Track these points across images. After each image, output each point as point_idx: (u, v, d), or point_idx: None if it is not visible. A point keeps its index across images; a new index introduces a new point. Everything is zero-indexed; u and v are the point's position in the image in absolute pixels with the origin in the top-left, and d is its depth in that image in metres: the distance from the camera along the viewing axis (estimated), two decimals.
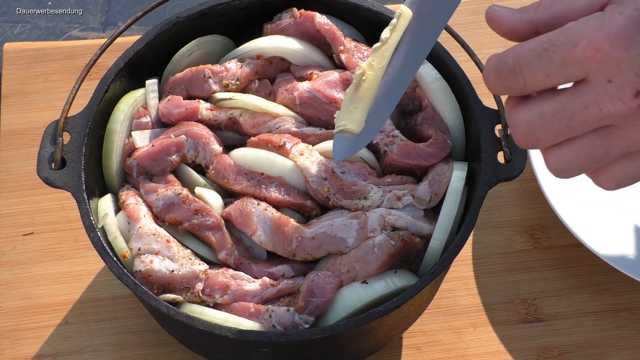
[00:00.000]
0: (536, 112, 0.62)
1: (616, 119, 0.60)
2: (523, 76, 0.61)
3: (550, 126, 0.62)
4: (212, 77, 0.89)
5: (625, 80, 0.58)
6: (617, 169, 0.63)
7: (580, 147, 0.62)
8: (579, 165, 0.63)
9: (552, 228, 1.04)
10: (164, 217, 0.84)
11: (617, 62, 0.58)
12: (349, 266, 0.81)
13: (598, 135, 0.61)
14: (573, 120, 0.61)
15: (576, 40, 0.59)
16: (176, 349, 0.96)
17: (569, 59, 0.59)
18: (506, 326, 0.99)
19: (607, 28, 0.58)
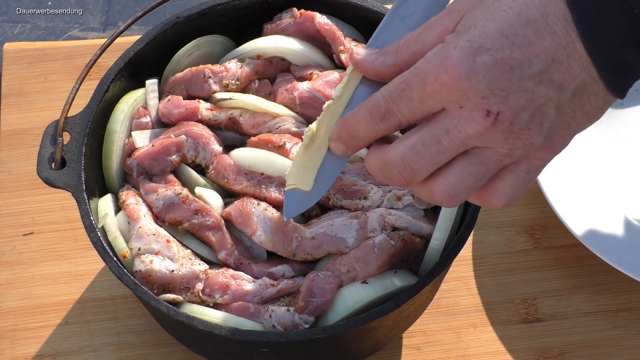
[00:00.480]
0: (407, 145, 0.67)
1: (477, 139, 0.65)
2: (396, 115, 0.67)
3: (422, 155, 0.67)
4: (212, 77, 0.89)
5: (473, 104, 0.64)
6: (502, 184, 0.68)
7: (460, 169, 0.67)
8: (466, 186, 0.68)
9: (552, 228, 1.04)
10: (164, 217, 0.84)
11: (462, 91, 0.64)
12: (349, 266, 0.81)
13: (472, 154, 0.67)
14: (441, 145, 0.66)
15: (424, 78, 0.65)
16: (176, 349, 0.96)
17: (423, 96, 0.66)
18: (506, 326, 0.99)
19: (446, 64, 0.64)
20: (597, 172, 1.04)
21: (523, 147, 0.66)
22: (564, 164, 1.04)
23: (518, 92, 0.64)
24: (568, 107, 0.66)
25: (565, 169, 1.03)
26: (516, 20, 0.64)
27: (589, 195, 1.02)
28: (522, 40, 0.63)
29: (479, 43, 0.64)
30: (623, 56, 0.64)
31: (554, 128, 0.66)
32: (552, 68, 0.64)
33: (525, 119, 0.65)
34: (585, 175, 1.04)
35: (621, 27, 0.62)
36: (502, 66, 0.63)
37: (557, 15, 0.63)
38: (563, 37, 0.63)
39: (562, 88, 0.65)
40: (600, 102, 0.66)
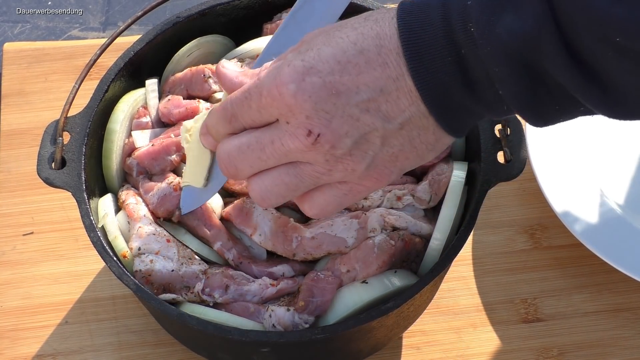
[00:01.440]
0: (235, 144, 0.70)
1: (298, 155, 0.67)
2: (239, 119, 0.70)
3: (246, 156, 0.69)
4: (212, 77, 0.89)
5: (298, 122, 0.66)
6: (318, 196, 0.70)
7: (277, 175, 0.69)
8: (278, 192, 0.70)
9: (552, 228, 1.04)
10: (158, 211, 0.84)
11: (289, 107, 0.66)
12: (349, 266, 0.81)
13: (291, 166, 0.69)
14: (264, 153, 0.68)
15: (260, 90, 0.67)
16: (176, 349, 0.96)
17: (260, 106, 0.68)
18: (506, 326, 0.99)
19: (277, 80, 0.66)
20: (598, 172, 1.04)
21: (344, 172, 0.68)
22: (564, 164, 1.04)
23: (343, 117, 0.65)
24: (395, 139, 0.67)
25: (565, 169, 1.03)
26: (350, 47, 0.65)
27: (589, 195, 1.02)
28: (353, 68, 0.65)
29: (311, 64, 0.65)
30: (452, 94, 0.65)
31: (380, 158, 0.68)
32: (380, 98, 0.65)
33: (348, 144, 0.66)
34: (586, 175, 1.04)
35: (448, 65, 0.64)
36: (329, 89, 0.65)
37: (390, 49, 0.65)
38: (394, 69, 0.65)
39: (389, 119, 0.66)
40: (430, 138, 0.67)
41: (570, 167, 1.04)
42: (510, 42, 0.61)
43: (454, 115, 0.66)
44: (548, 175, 1.02)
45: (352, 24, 0.67)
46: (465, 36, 0.63)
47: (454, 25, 0.63)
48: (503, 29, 0.61)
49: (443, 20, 0.64)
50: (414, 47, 0.64)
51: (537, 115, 0.65)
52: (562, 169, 1.03)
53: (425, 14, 0.64)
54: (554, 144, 1.05)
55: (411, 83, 0.65)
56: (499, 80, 0.63)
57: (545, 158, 1.03)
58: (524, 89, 0.63)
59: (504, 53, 0.61)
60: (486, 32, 0.62)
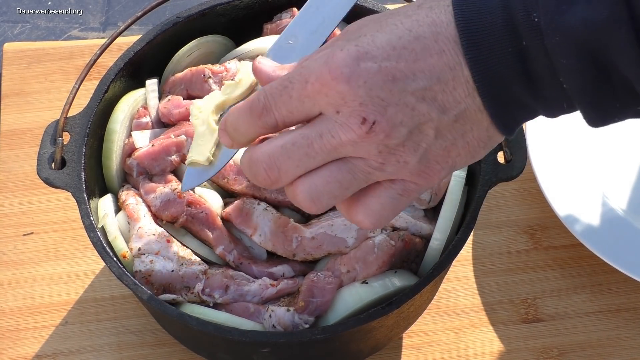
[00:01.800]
0: (277, 144, 0.65)
1: (350, 148, 0.63)
2: (273, 112, 0.65)
3: (291, 155, 0.65)
4: (212, 77, 0.89)
5: (350, 110, 0.62)
6: (373, 201, 0.66)
7: (328, 172, 0.65)
8: (329, 191, 0.65)
9: (552, 228, 1.04)
10: (162, 215, 0.84)
11: (341, 94, 0.62)
12: (349, 266, 0.81)
13: (342, 162, 0.65)
14: (311, 148, 0.64)
15: (307, 77, 0.64)
16: (176, 349, 0.96)
17: (303, 95, 0.64)
18: (506, 326, 0.99)
19: (329, 64, 0.63)
20: (598, 173, 1.04)
21: (396, 165, 0.64)
22: (564, 164, 1.04)
23: (398, 105, 0.62)
24: (449, 132, 0.64)
25: (565, 169, 1.03)
26: (406, 34, 0.63)
27: (589, 195, 1.02)
28: (410, 54, 0.62)
29: (366, 49, 0.63)
30: (509, 88, 0.62)
31: (432, 152, 0.65)
32: (436, 87, 0.63)
33: (403, 134, 0.63)
34: (586, 175, 1.04)
35: (508, 57, 0.61)
36: (385, 75, 0.62)
37: (447, 36, 0.62)
38: (451, 57, 0.62)
39: (445, 110, 0.63)
40: (483, 134, 0.65)
41: (571, 167, 1.04)
42: (582, 32, 0.58)
43: (510, 112, 0.64)
44: (548, 175, 1.02)
45: (404, 11, 0.64)
46: (529, 27, 0.60)
47: (515, 15, 0.60)
48: (575, 18, 0.58)
49: (503, 9, 0.61)
50: (472, 36, 0.61)
51: (598, 113, 0.62)
52: (562, 169, 1.03)
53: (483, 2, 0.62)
54: (554, 144, 1.05)
55: (468, 73, 0.62)
56: (565, 73, 0.60)
57: (545, 158, 1.03)
58: (590, 83, 0.60)
59: (574, 44, 0.59)
60: (555, 21, 0.59)
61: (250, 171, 0.67)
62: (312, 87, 0.63)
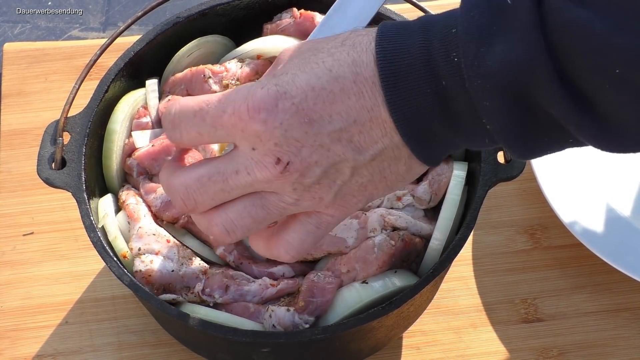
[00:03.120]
0: (193, 176, 0.66)
1: (265, 185, 0.64)
2: (180, 129, 0.66)
3: (207, 189, 0.65)
4: (212, 77, 0.89)
5: (266, 149, 0.63)
6: (292, 236, 0.68)
7: (242, 207, 0.66)
8: (244, 225, 0.66)
9: (552, 228, 1.04)
10: (162, 215, 0.84)
11: (257, 133, 0.63)
12: (349, 266, 0.81)
13: (256, 197, 0.66)
14: (227, 184, 0.65)
15: (225, 107, 0.64)
16: (176, 349, 0.96)
17: (217, 123, 0.64)
18: (506, 326, 0.99)
19: (249, 101, 0.63)
20: (598, 173, 1.04)
21: (311, 201, 0.65)
22: (564, 163, 1.04)
23: (313, 146, 0.63)
24: (365, 170, 0.65)
25: (565, 169, 1.03)
26: (325, 74, 0.63)
27: (589, 195, 1.02)
28: (327, 95, 0.62)
29: (285, 89, 0.63)
30: (429, 126, 0.62)
31: (348, 188, 0.65)
32: (352, 129, 0.63)
33: (317, 174, 0.64)
34: (586, 175, 1.04)
35: (427, 97, 0.61)
36: (302, 117, 0.62)
37: (366, 77, 0.62)
38: (369, 99, 0.62)
39: (361, 151, 0.63)
40: (401, 169, 0.65)
41: (571, 167, 1.04)
42: (503, 74, 0.58)
43: (431, 147, 0.64)
44: (548, 175, 1.02)
45: (328, 48, 0.64)
46: (448, 67, 0.60)
47: (434, 55, 0.60)
48: (494, 60, 0.58)
49: (423, 48, 0.61)
50: (391, 77, 0.61)
51: (525, 148, 0.62)
52: (562, 169, 1.03)
53: (404, 40, 0.62)
54: None
55: (386, 114, 0.62)
56: (488, 114, 0.60)
57: (545, 158, 1.03)
58: (514, 123, 0.60)
59: (495, 86, 0.58)
60: (475, 65, 0.59)
61: (168, 195, 0.69)
62: (229, 118, 0.63)
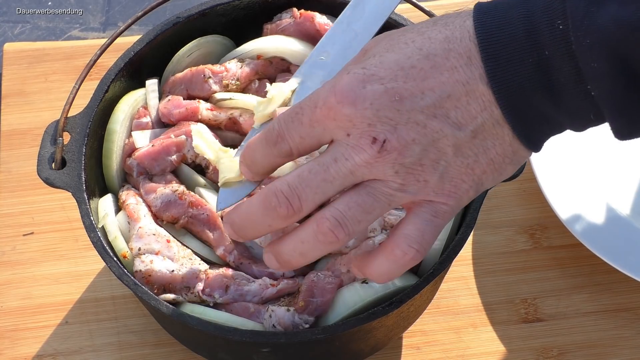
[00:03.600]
0: (294, 174, 0.65)
1: (366, 169, 0.63)
2: (287, 139, 0.66)
3: (309, 182, 0.64)
4: (212, 77, 0.89)
5: (360, 132, 0.62)
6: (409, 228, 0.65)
7: (348, 197, 0.64)
8: (353, 216, 0.64)
9: (552, 228, 1.04)
10: (162, 215, 0.84)
11: (348, 117, 0.62)
12: (349, 266, 0.81)
13: (361, 186, 0.64)
14: (328, 173, 0.64)
15: (315, 102, 0.64)
16: (176, 349, 0.96)
17: (313, 120, 0.64)
18: (506, 326, 0.99)
19: (335, 88, 0.63)
20: (598, 172, 1.04)
21: (416, 184, 0.63)
22: (564, 163, 1.04)
23: (408, 123, 0.62)
24: (469, 149, 0.63)
25: (565, 169, 1.03)
26: (415, 53, 0.62)
27: (589, 195, 1.02)
28: (418, 73, 0.62)
29: (372, 71, 0.62)
30: (530, 99, 0.61)
31: (453, 169, 0.64)
32: (447, 103, 0.62)
33: (417, 152, 0.62)
34: (586, 175, 1.04)
35: (528, 67, 0.60)
36: (391, 95, 0.62)
37: (460, 52, 0.61)
38: (463, 73, 0.61)
39: (460, 126, 0.62)
40: (507, 149, 0.63)
41: (571, 167, 1.04)
42: (613, 32, 0.56)
43: (532, 124, 0.62)
44: (548, 175, 1.02)
45: (418, 28, 0.64)
46: (551, 35, 0.59)
47: (537, 24, 0.59)
48: (605, 18, 0.56)
49: (525, 18, 0.60)
50: (491, 47, 0.60)
51: (628, 123, 0.60)
52: (562, 169, 1.03)
53: (504, 12, 0.60)
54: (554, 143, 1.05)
55: (484, 87, 0.61)
56: (594, 77, 0.58)
57: (545, 158, 1.03)
58: (620, 89, 0.58)
59: (605, 46, 0.56)
60: (585, 23, 0.57)
61: (268, 204, 0.66)
62: (321, 111, 0.64)
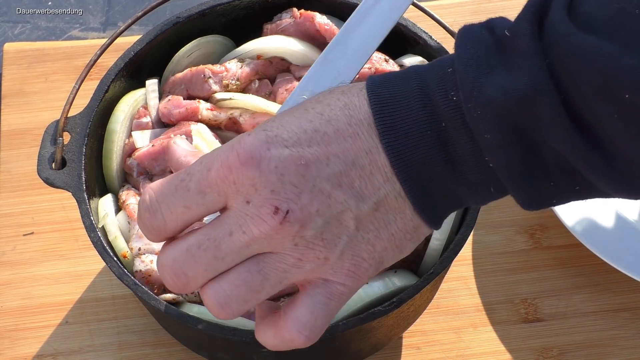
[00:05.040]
0: (182, 248, 0.59)
1: (264, 243, 0.58)
2: (162, 212, 0.59)
3: (198, 259, 0.59)
4: (212, 77, 0.89)
5: (262, 199, 0.57)
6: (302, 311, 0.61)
7: (236, 275, 0.59)
8: (238, 296, 0.59)
9: (552, 228, 1.04)
10: None
11: (251, 180, 0.57)
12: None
13: (252, 261, 0.59)
14: (220, 250, 0.58)
15: (210, 164, 0.58)
16: (176, 349, 0.96)
17: (204, 185, 0.58)
18: (506, 326, 0.99)
19: (236, 148, 0.57)
20: None
21: (316, 261, 0.59)
22: None
23: (313, 192, 0.57)
24: (370, 223, 0.59)
25: None
26: (317, 117, 0.59)
27: None
28: (322, 137, 0.58)
29: (275, 133, 0.58)
30: (430, 172, 0.58)
31: (354, 246, 0.59)
32: (352, 172, 0.58)
33: (320, 225, 0.58)
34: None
35: (427, 140, 0.58)
36: (297, 159, 0.57)
37: (360, 119, 0.58)
38: (366, 141, 0.58)
39: (363, 198, 0.58)
40: (409, 225, 0.60)
41: None
42: (502, 102, 0.54)
43: (432, 199, 0.60)
44: None
45: (315, 98, 0.61)
46: (447, 106, 0.57)
47: (432, 95, 0.57)
48: (493, 88, 0.55)
49: (419, 90, 0.58)
50: (387, 119, 0.58)
51: (530, 193, 0.58)
52: None
53: (398, 84, 0.58)
54: None
55: (385, 158, 0.58)
56: (489, 148, 0.56)
57: None
58: (517, 160, 0.56)
59: (495, 116, 0.55)
60: (474, 94, 0.55)
61: (160, 275, 0.61)
62: (217, 173, 0.58)
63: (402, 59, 0.90)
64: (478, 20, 0.60)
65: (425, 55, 0.90)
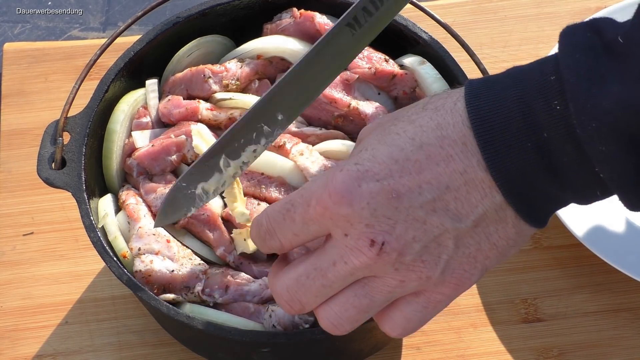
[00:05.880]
0: (292, 277, 0.64)
1: (365, 270, 0.61)
2: (277, 236, 0.65)
3: (308, 288, 0.64)
4: (212, 77, 0.89)
5: (358, 233, 0.60)
6: (396, 314, 0.64)
7: (345, 299, 0.63)
8: (349, 317, 0.64)
9: (552, 228, 1.04)
10: None
11: (345, 217, 0.60)
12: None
13: (359, 285, 0.63)
14: (326, 279, 0.63)
15: (308, 200, 0.62)
16: (176, 349, 0.96)
17: (306, 219, 0.62)
18: (506, 326, 0.99)
19: (329, 186, 0.60)
20: None
21: (418, 281, 0.61)
22: None
23: (407, 221, 0.59)
24: (470, 238, 0.61)
25: None
26: (408, 144, 0.60)
27: None
28: (413, 165, 0.59)
29: (366, 167, 0.60)
30: (533, 183, 0.59)
31: (455, 261, 0.61)
32: (446, 196, 0.59)
33: (417, 249, 0.60)
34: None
35: (528, 152, 0.58)
36: (388, 192, 0.59)
37: (454, 139, 0.59)
38: (460, 162, 0.59)
39: (460, 218, 0.60)
40: (510, 232, 0.61)
41: None
42: (620, 115, 0.53)
43: (536, 204, 0.60)
44: None
45: (408, 116, 0.61)
46: (549, 116, 0.56)
47: (533, 105, 0.57)
48: (610, 101, 0.54)
49: (518, 100, 0.57)
50: (486, 133, 0.58)
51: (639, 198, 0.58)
52: None
53: (496, 94, 0.58)
54: None
55: (484, 174, 0.59)
56: (602, 161, 0.56)
57: None
58: (631, 169, 0.56)
59: (613, 129, 0.54)
60: (589, 107, 0.54)
61: (277, 301, 0.67)
62: (315, 210, 0.61)
63: (402, 59, 0.90)
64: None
65: (425, 55, 0.90)
